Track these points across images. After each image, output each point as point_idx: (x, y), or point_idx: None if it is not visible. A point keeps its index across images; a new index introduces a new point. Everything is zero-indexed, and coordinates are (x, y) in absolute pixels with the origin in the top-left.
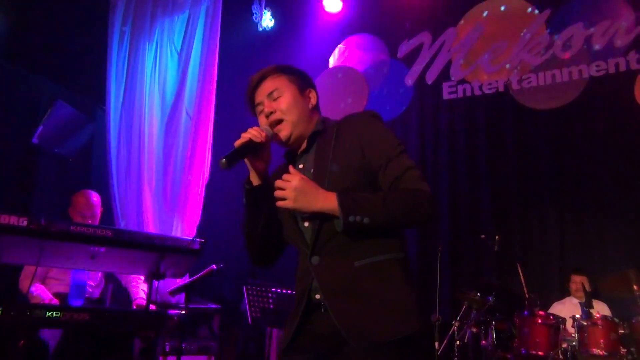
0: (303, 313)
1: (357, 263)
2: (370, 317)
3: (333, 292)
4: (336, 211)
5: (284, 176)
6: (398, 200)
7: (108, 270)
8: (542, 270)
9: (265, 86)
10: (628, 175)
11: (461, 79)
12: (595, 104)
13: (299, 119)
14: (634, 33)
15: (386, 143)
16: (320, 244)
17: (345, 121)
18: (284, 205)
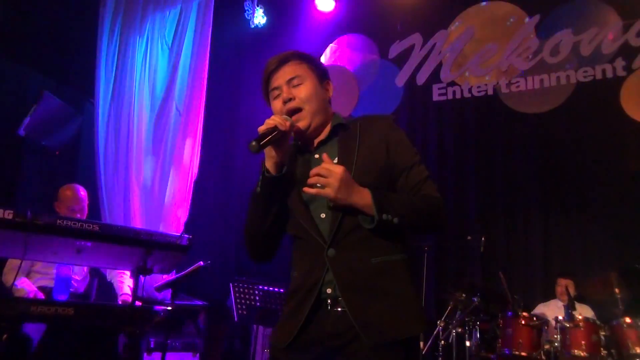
0: (310, 309)
1: (373, 260)
2: (385, 314)
3: (349, 286)
4: (369, 207)
5: (326, 165)
6: (423, 204)
7: (94, 265)
8: (526, 273)
9: (285, 71)
10: (612, 181)
11: (451, 81)
12: (581, 109)
13: (317, 109)
14: (620, 41)
15: (410, 149)
16: (339, 237)
17: (368, 120)
18: (323, 193)
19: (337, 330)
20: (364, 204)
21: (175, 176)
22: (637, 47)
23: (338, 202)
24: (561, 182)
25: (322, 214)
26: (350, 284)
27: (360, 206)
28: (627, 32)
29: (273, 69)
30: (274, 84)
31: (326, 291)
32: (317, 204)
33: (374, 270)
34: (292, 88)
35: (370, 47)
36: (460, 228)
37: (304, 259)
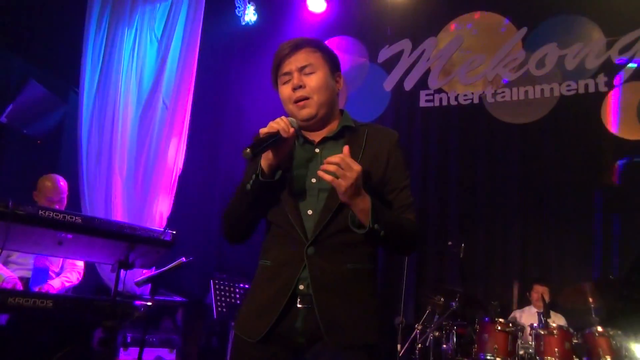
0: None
1: (349, 265)
2: (350, 319)
3: (322, 287)
4: (367, 213)
5: (348, 160)
6: (406, 226)
7: (75, 257)
8: (503, 279)
9: (298, 57)
10: (590, 193)
11: (438, 88)
12: (563, 122)
13: (326, 101)
14: (603, 58)
15: (405, 171)
16: (322, 237)
17: (376, 130)
18: (336, 183)
19: (305, 327)
20: (363, 208)
21: (160, 170)
22: (620, 64)
23: (343, 197)
24: (541, 191)
25: (309, 210)
26: (323, 284)
27: (358, 209)
28: (610, 49)
29: (286, 53)
30: (285, 69)
31: (299, 287)
32: (306, 200)
33: (347, 275)
34: (304, 76)
35: (360, 50)
36: (441, 233)
37: (281, 251)
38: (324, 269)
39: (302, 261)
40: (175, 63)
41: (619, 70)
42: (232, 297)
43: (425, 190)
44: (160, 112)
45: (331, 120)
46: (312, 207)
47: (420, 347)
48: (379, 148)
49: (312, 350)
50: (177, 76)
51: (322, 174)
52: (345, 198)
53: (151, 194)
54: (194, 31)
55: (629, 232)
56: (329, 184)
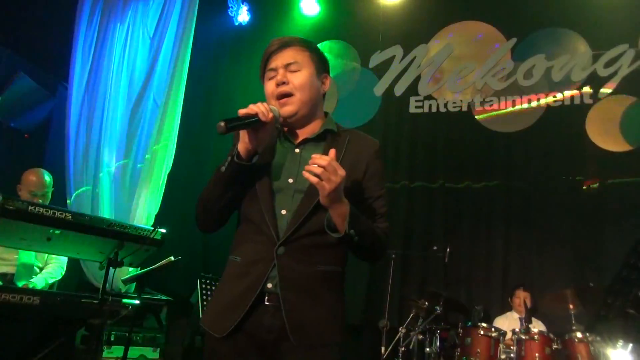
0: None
1: (318, 267)
2: (316, 320)
3: (290, 286)
4: (343, 217)
5: (335, 163)
6: (379, 236)
7: (64, 254)
8: (486, 284)
9: (285, 54)
10: (573, 202)
11: (428, 95)
12: (549, 132)
13: (308, 99)
14: (589, 70)
15: (382, 181)
16: (294, 237)
17: (358, 137)
18: (320, 186)
19: (272, 325)
20: (341, 213)
21: (149, 168)
22: (605, 77)
23: (324, 200)
24: (524, 200)
25: (283, 210)
26: (291, 284)
27: (336, 213)
28: (596, 62)
29: (274, 50)
30: (272, 64)
31: (267, 286)
32: (281, 199)
33: (316, 276)
34: (289, 73)
35: (352, 55)
36: (426, 238)
37: (252, 248)
38: (293, 269)
39: (272, 260)
40: (167, 61)
41: (604, 83)
42: None
43: (411, 195)
44: (150, 109)
45: (313, 120)
46: (287, 207)
47: (404, 350)
48: (358, 156)
49: (278, 348)
50: (169, 74)
51: (307, 174)
52: (327, 201)
53: (139, 192)
54: (186, 30)
55: (610, 242)
56: (306, 186)
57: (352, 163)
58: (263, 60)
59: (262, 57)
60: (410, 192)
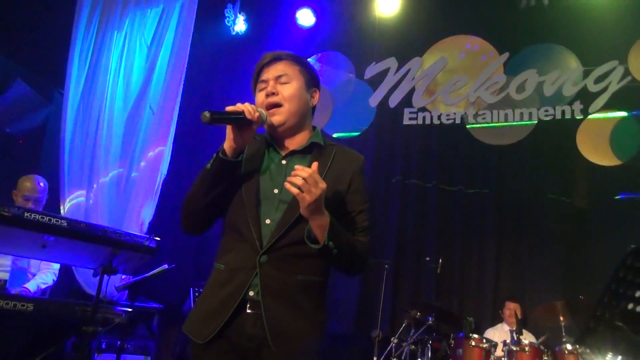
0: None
1: (299, 276)
2: (296, 328)
3: (271, 295)
4: (323, 230)
5: (316, 176)
6: (359, 250)
7: (58, 261)
8: (477, 296)
9: (276, 67)
10: (563, 214)
11: (422, 107)
12: (540, 146)
13: (297, 110)
14: (579, 86)
15: (364, 196)
16: (276, 247)
17: (343, 152)
18: (301, 197)
19: (254, 332)
20: (320, 225)
21: (144, 176)
22: (595, 93)
23: (304, 211)
24: (515, 212)
25: (267, 219)
26: (273, 293)
27: (316, 224)
28: (587, 78)
29: (266, 62)
30: (263, 76)
31: (249, 293)
32: (266, 209)
33: (297, 285)
34: (279, 84)
35: (347, 66)
36: (419, 248)
37: (235, 257)
38: (275, 277)
39: (254, 268)
40: (164, 69)
41: (595, 99)
42: None
43: (404, 206)
44: (146, 117)
45: (301, 132)
46: (271, 217)
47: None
48: (343, 170)
49: (259, 355)
50: (165, 82)
51: (288, 186)
52: (307, 212)
53: (133, 199)
54: (184, 38)
55: (600, 255)
56: (290, 197)
57: (337, 176)
58: (255, 73)
59: (255, 69)
60: (403, 202)
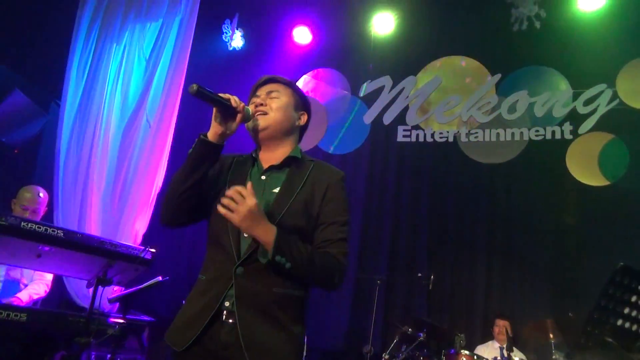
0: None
1: (275, 289)
2: (270, 340)
3: (247, 306)
4: (269, 245)
5: (241, 191)
6: (321, 263)
7: (53, 271)
8: (468, 312)
9: (270, 86)
10: (553, 233)
11: (416, 125)
12: (531, 165)
13: (282, 120)
14: (569, 107)
15: (340, 208)
16: (252, 259)
17: (322, 167)
18: (229, 217)
19: (228, 341)
20: (265, 241)
21: (138, 188)
22: (584, 115)
23: (242, 230)
24: (506, 230)
25: (245, 233)
26: (247, 304)
27: (261, 240)
28: (576, 100)
29: (261, 83)
30: (257, 93)
31: (225, 303)
32: None
33: (273, 298)
34: (268, 98)
35: (342, 83)
36: (411, 264)
37: (215, 268)
38: (250, 289)
39: (231, 280)
40: (161, 83)
41: (584, 120)
42: None
43: (397, 222)
44: (143, 129)
45: (282, 147)
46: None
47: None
48: (319, 184)
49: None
50: (163, 96)
51: (219, 208)
52: (244, 230)
53: (128, 211)
54: (182, 52)
55: (589, 272)
56: (267, 211)
57: (312, 191)
58: (252, 91)
59: (251, 89)
60: (396, 219)
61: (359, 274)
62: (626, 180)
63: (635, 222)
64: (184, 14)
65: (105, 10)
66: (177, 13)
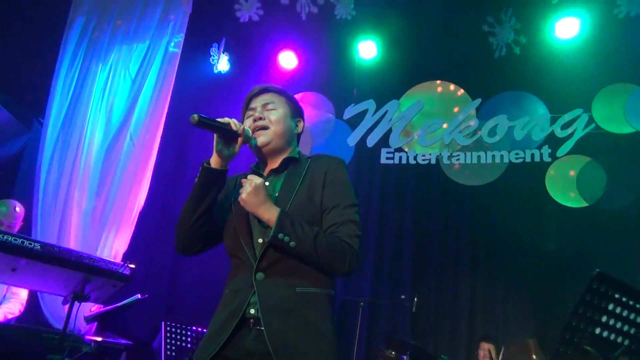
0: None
1: (298, 289)
2: (300, 342)
3: (271, 310)
4: (271, 223)
5: (250, 176)
6: (328, 242)
7: (27, 286)
8: (452, 335)
9: (264, 97)
10: (533, 254)
11: (399, 147)
12: (512, 187)
13: (281, 133)
14: (547, 131)
15: (344, 191)
16: (269, 262)
17: (318, 158)
18: (240, 198)
19: (253, 348)
20: (268, 219)
21: (120, 206)
22: (562, 138)
23: (247, 207)
24: (488, 251)
25: (259, 239)
26: (272, 308)
27: (265, 219)
28: (554, 124)
29: (255, 93)
30: (252, 105)
31: (250, 311)
32: (257, 230)
33: (297, 298)
34: (265, 111)
35: (327, 106)
36: (394, 286)
37: (236, 279)
38: (273, 293)
39: (252, 287)
40: (146, 102)
41: (562, 144)
42: (183, 341)
43: (381, 243)
44: (126, 148)
45: (283, 155)
46: (262, 236)
47: None
48: (318, 172)
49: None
50: (148, 115)
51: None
52: (248, 208)
53: (108, 230)
54: (169, 73)
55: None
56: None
57: (312, 183)
58: (244, 104)
59: (244, 100)
60: (379, 241)
61: (342, 296)
62: (604, 202)
63: (613, 243)
64: (170, 36)
65: (93, 31)
66: (164, 35)
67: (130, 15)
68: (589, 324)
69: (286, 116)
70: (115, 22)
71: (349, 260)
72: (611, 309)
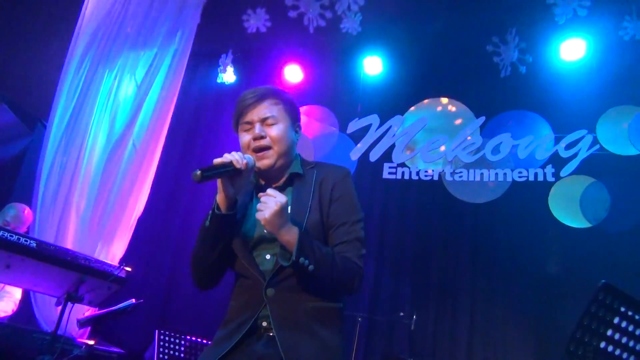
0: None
1: (310, 304)
2: (311, 354)
3: (283, 324)
4: (291, 245)
5: (271, 191)
6: (341, 265)
7: (20, 285)
8: (450, 354)
9: (261, 109)
10: (535, 274)
11: (401, 163)
12: (514, 206)
13: (285, 151)
14: (551, 151)
15: (350, 207)
16: (279, 279)
17: (325, 167)
18: (259, 216)
19: (266, 352)
20: (288, 240)
21: (120, 213)
22: (566, 158)
23: (267, 227)
24: (489, 272)
25: (267, 255)
26: (284, 322)
27: (284, 241)
28: (558, 144)
29: (249, 104)
30: (247, 118)
31: (262, 324)
32: (264, 246)
33: (308, 312)
34: (265, 126)
35: (331, 120)
36: (393, 303)
37: (244, 294)
38: (284, 308)
39: (262, 302)
40: (151, 108)
41: (565, 164)
42: (177, 350)
43: (381, 259)
44: (128, 154)
45: (287, 170)
46: (270, 252)
47: None
48: (326, 184)
49: None
50: (151, 121)
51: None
52: (269, 227)
53: (107, 235)
54: (174, 81)
55: (573, 316)
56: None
57: (321, 200)
58: (237, 112)
59: (235, 107)
60: (379, 256)
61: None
62: (607, 223)
63: (616, 265)
64: (178, 45)
65: (100, 38)
66: (171, 44)
67: (139, 23)
68: (594, 337)
69: (288, 130)
70: (125, 28)
71: (356, 281)
72: (617, 322)
